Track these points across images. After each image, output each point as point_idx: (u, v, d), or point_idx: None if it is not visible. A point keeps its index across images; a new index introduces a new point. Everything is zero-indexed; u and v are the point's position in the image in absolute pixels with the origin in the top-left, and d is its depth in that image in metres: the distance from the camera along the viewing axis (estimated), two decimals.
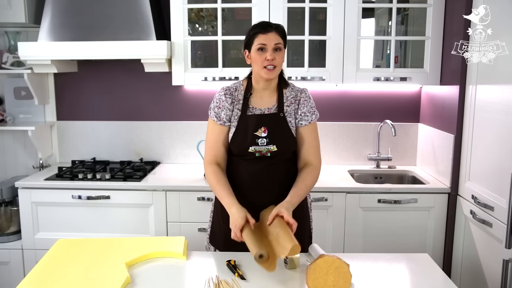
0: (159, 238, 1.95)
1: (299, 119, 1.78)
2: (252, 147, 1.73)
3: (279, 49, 1.70)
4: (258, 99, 1.78)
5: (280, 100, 1.77)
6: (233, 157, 1.80)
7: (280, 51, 1.70)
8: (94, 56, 2.61)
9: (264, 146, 1.73)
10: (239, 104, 1.77)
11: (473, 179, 2.27)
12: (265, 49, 1.69)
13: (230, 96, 1.78)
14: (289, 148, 1.77)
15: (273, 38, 1.68)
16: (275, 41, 1.68)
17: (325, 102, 2.93)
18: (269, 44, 1.68)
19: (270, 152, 1.74)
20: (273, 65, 1.68)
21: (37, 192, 2.57)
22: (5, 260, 2.63)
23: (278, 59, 1.70)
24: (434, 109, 2.73)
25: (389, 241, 2.53)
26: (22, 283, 1.44)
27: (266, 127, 1.73)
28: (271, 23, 1.74)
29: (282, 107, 1.76)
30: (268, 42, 1.68)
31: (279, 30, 1.71)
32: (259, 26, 1.71)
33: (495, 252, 2.00)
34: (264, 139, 1.73)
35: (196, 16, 2.89)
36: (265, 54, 1.68)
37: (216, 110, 1.77)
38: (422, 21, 2.67)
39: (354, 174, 2.88)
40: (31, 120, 3.05)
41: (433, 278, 1.56)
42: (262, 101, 1.78)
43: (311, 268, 1.39)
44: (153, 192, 2.54)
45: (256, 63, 1.71)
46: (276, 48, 1.69)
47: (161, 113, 3.04)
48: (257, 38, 1.69)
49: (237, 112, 1.76)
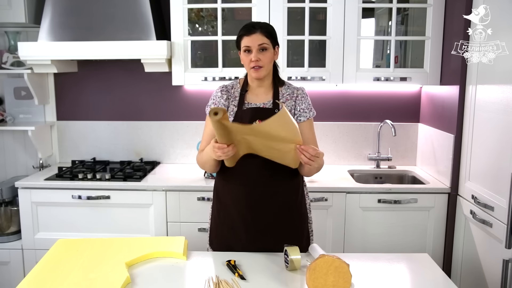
0: (159, 238, 1.95)
1: (298, 115, 1.80)
2: None
3: (265, 49, 1.72)
4: (253, 96, 1.82)
5: (276, 97, 1.79)
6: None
7: (266, 51, 1.73)
8: (94, 56, 2.61)
9: None
10: (235, 100, 1.80)
11: (473, 179, 2.27)
12: (250, 50, 1.72)
13: (226, 92, 1.82)
14: None
15: (257, 39, 1.71)
16: (259, 41, 1.71)
17: (325, 102, 2.93)
18: (253, 46, 1.71)
19: None
20: (258, 65, 1.72)
21: (37, 192, 2.57)
22: (5, 260, 2.63)
23: (264, 58, 1.72)
24: (434, 109, 2.73)
25: (389, 241, 2.53)
26: (22, 283, 1.44)
27: (261, 120, 1.73)
28: (256, 24, 1.76)
29: (277, 104, 1.78)
30: (252, 43, 1.71)
31: (264, 30, 1.73)
32: (244, 28, 1.74)
33: (495, 252, 2.00)
34: None
35: (196, 16, 2.88)
36: (250, 56, 1.72)
37: (212, 106, 1.81)
38: (422, 21, 2.67)
39: (354, 174, 2.88)
40: (31, 120, 3.05)
41: (433, 278, 1.56)
42: (257, 98, 1.81)
43: (311, 268, 1.38)
44: (153, 192, 2.54)
45: (244, 63, 1.77)
46: (260, 48, 1.71)
47: (161, 113, 3.04)
48: (243, 40, 1.73)
49: (233, 108, 1.79)
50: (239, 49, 1.78)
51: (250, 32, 1.71)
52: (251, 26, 1.73)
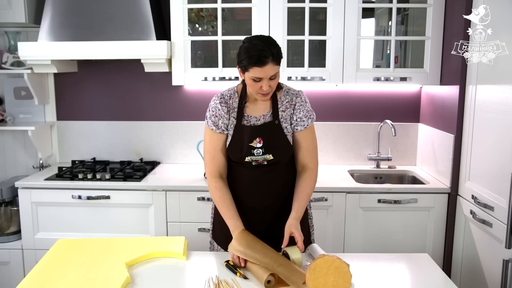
0: (159, 238, 1.95)
1: (295, 124, 1.75)
2: (248, 157, 1.72)
3: (275, 76, 1.61)
4: (253, 107, 1.75)
5: (275, 106, 1.74)
6: (232, 162, 1.80)
7: (275, 77, 1.62)
8: (94, 56, 2.61)
9: (260, 156, 1.72)
10: (234, 112, 1.74)
11: (473, 179, 2.27)
12: (261, 79, 1.60)
13: (225, 104, 1.74)
14: (286, 156, 1.76)
15: (269, 70, 1.58)
16: (272, 73, 1.58)
17: (325, 102, 2.93)
18: (265, 77, 1.59)
19: (266, 161, 1.73)
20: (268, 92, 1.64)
21: (37, 192, 2.57)
22: (5, 260, 2.63)
23: (274, 84, 1.64)
24: (434, 109, 2.73)
25: (389, 241, 2.53)
26: (22, 283, 1.44)
27: (261, 138, 1.71)
28: (267, 51, 1.57)
29: (277, 113, 1.73)
30: (264, 75, 1.58)
31: (275, 58, 1.58)
32: (254, 58, 1.56)
33: (495, 252, 2.00)
34: (260, 149, 1.71)
35: (196, 16, 2.88)
36: (260, 84, 1.60)
37: (213, 119, 1.74)
38: (422, 21, 2.67)
39: (354, 174, 2.88)
40: (31, 120, 3.05)
41: (433, 278, 1.56)
42: (256, 108, 1.75)
43: (311, 268, 1.38)
44: (153, 192, 2.54)
45: (250, 87, 1.65)
46: (272, 77, 1.61)
47: (161, 113, 3.04)
48: (252, 70, 1.58)
49: (233, 120, 1.74)
50: (242, 71, 1.63)
51: (262, 64, 1.56)
52: (263, 56, 1.55)
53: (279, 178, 1.77)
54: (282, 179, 1.78)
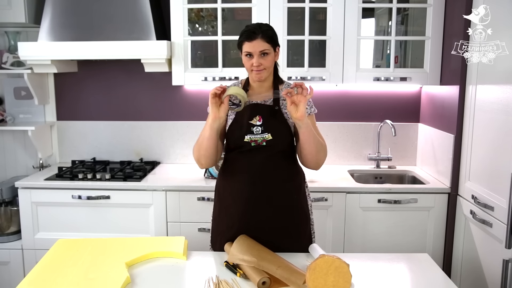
0: (159, 238, 1.95)
1: None
2: (247, 136, 1.75)
3: (266, 53, 1.72)
4: (254, 95, 1.83)
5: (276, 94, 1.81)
6: (230, 154, 1.82)
7: (267, 55, 1.73)
8: (94, 56, 2.61)
9: (259, 134, 1.75)
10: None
11: (473, 179, 2.27)
12: (252, 55, 1.72)
13: None
14: (285, 137, 1.78)
15: (258, 45, 1.70)
16: (260, 48, 1.71)
17: (325, 102, 2.93)
18: (254, 52, 1.71)
19: (265, 141, 1.75)
20: (260, 69, 1.73)
21: (37, 192, 2.57)
22: (5, 260, 2.63)
23: (265, 62, 1.73)
24: (434, 109, 2.73)
25: (389, 241, 2.53)
26: (22, 283, 1.44)
27: (261, 116, 1.77)
28: (257, 28, 1.73)
29: (278, 101, 1.80)
30: (253, 49, 1.71)
31: (265, 35, 1.72)
32: (244, 34, 1.73)
33: (495, 252, 2.00)
34: (259, 127, 1.75)
35: (196, 16, 2.88)
36: (252, 60, 1.72)
37: None
38: (422, 21, 2.67)
39: (354, 174, 2.88)
40: (31, 120, 3.05)
41: (433, 278, 1.56)
42: (258, 97, 1.83)
43: (311, 268, 1.38)
44: (153, 192, 2.54)
45: (246, 66, 1.78)
46: (262, 53, 1.72)
47: (161, 113, 3.04)
48: (244, 46, 1.73)
49: None
50: (240, 51, 1.78)
51: (251, 38, 1.71)
52: (252, 32, 1.71)
53: (279, 167, 1.78)
54: (283, 169, 1.79)
